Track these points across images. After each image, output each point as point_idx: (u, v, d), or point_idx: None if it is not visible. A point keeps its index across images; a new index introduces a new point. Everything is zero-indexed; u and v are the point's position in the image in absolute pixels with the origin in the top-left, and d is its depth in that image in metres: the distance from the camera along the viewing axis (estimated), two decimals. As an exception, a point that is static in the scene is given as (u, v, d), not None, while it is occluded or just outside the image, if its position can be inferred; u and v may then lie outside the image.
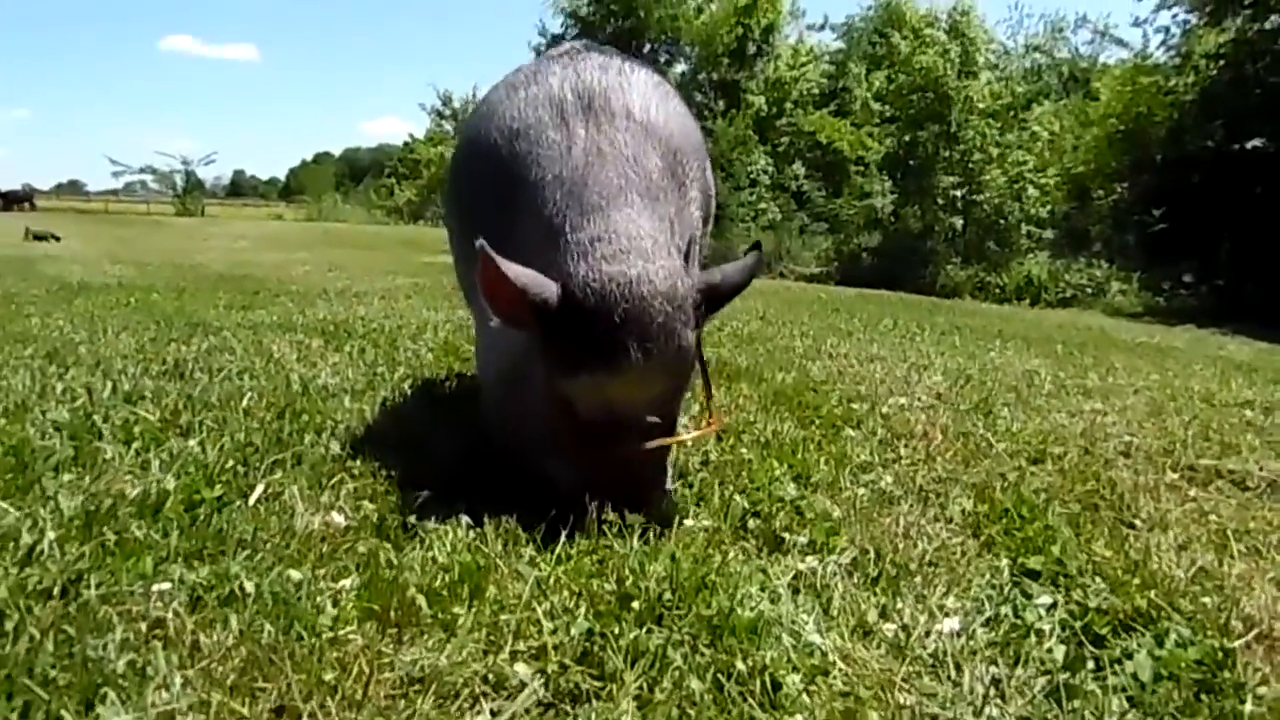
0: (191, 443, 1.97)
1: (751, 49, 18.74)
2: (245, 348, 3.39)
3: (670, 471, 1.71)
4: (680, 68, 19.44)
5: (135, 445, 1.93)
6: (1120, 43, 17.08)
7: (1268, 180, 11.63)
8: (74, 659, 1.03)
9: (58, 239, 13.28)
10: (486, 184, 1.97)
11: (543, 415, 1.66)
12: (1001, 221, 15.40)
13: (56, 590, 1.22)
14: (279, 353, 3.32)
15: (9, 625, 1.11)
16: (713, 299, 1.67)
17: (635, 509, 1.56)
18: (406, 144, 34.45)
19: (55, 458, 1.77)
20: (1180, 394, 3.32)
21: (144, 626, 1.13)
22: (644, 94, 1.98)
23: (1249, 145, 11.98)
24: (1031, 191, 15.27)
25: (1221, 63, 13.21)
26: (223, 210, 33.89)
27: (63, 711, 0.94)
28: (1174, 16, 14.31)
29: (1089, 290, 13.93)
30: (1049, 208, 15.63)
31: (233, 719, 0.96)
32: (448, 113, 29.53)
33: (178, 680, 1.01)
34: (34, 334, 3.58)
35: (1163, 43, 14.51)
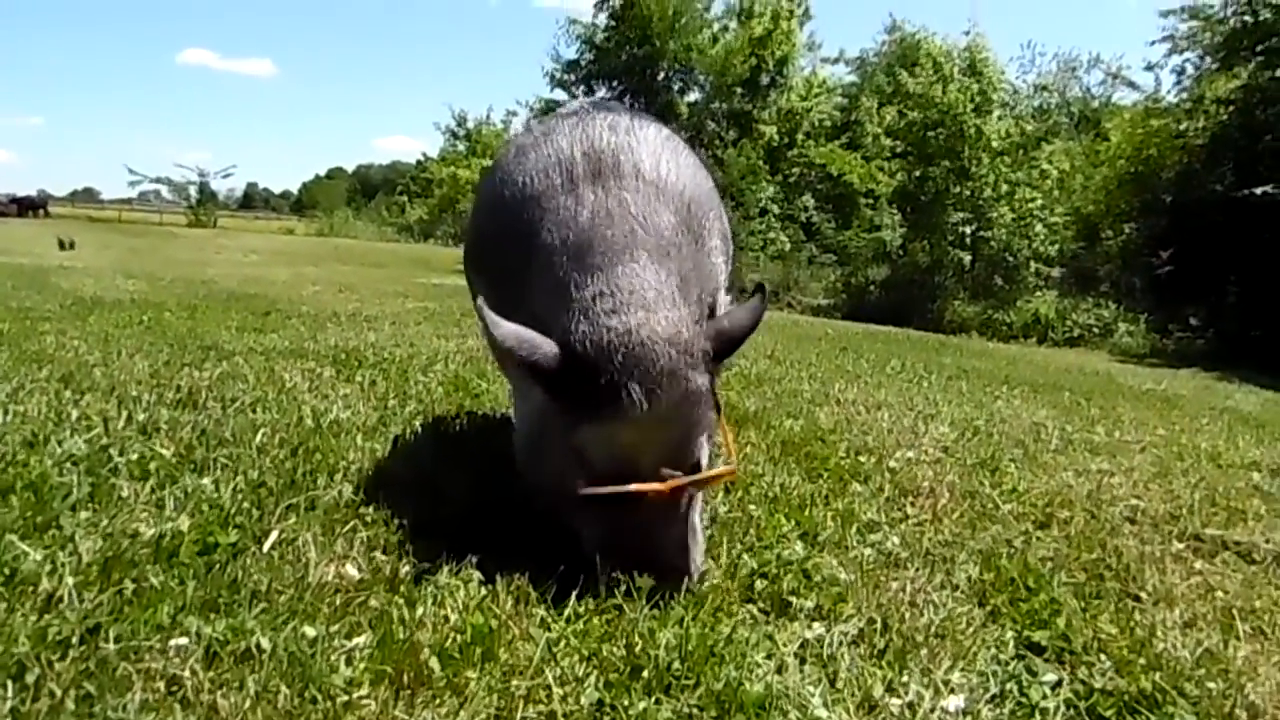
0: (206, 481, 1.99)
1: (765, 79, 18.91)
2: (257, 375, 3.42)
3: (702, 538, 1.70)
4: (693, 96, 19.59)
5: (151, 482, 1.96)
6: (1132, 85, 17.22)
7: (1276, 227, 11.66)
8: (94, 718, 1.05)
9: (73, 245, 13.50)
10: (500, 248, 2.01)
11: (559, 473, 1.66)
12: (1010, 258, 15.47)
13: (75, 640, 1.24)
14: (291, 381, 3.35)
15: (30, 679, 1.13)
16: (722, 344, 1.69)
17: (662, 569, 1.56)
18: (419, 162, 34.77)
19: (73, 496, 1.79)
20: (1187, 452, 3.33)
21: (162, 685, 1.15)
22: (654, 152, 2.00)
23: (1258, 191, 12.01)
24: (1039, 229, 15.35)
25: (1232, 108, 13.31)
26: (234, 222, 34.08)
27: (83, 776, 0.96)
28: (1185, 60, 14.44)
29: (1096, 330, 13.97)
30: (1057, 246, 15.71)
31: (249, 788, 0.98)
32: (461, 133, 29.79)
33: (196, 745, 1.02)
34: (49, 354, 3.62)
35: (1176, 83, 14.62)
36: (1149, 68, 17.75)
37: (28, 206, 29.27)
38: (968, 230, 15.74)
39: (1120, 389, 6.13)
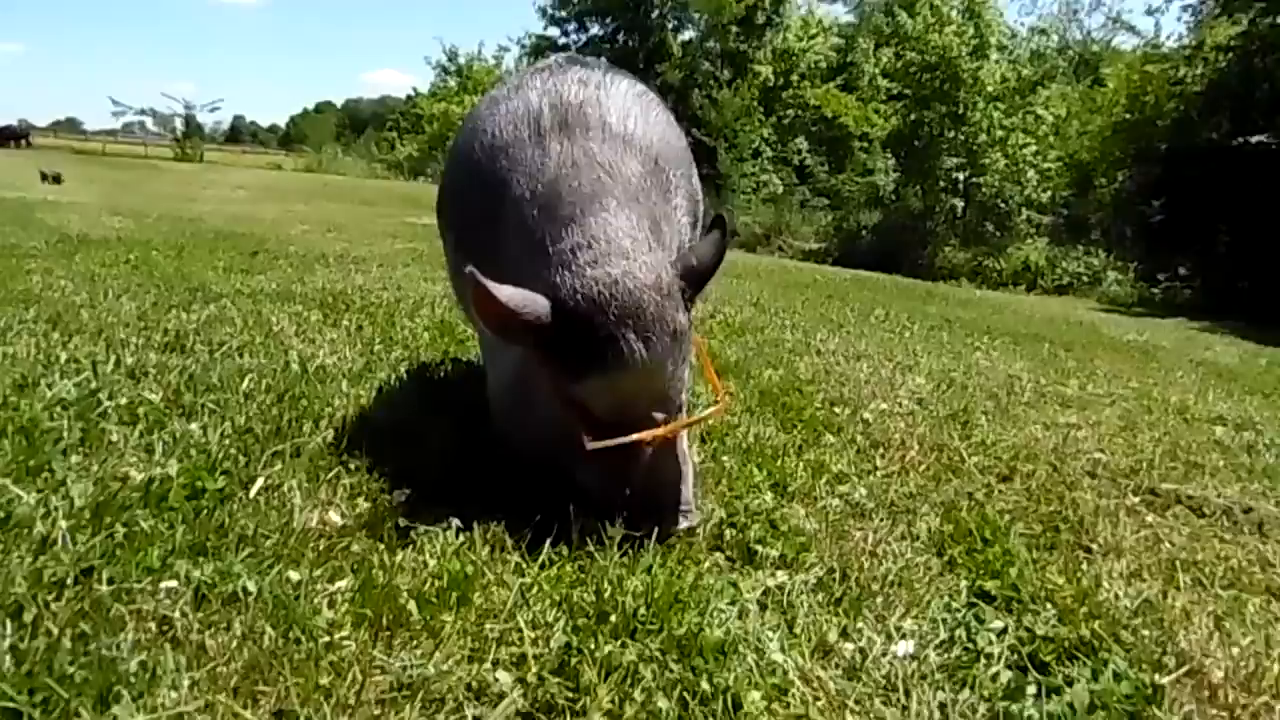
0: (193, 426, 2.05)
1: (761, 18, 18.60)
2: (245, 319, 3.45)
3: (693, 483, 1.76)
4: (687, 35, 19.26)
5: (139, 427, 2.01)
6: (1132, 30, 17.04)
7: (1269, 177, 11.66)
8: (89, 657, 1.11)
9: (60, 180, 13.30)
10: (472, 200, 2.03)
11: (556, 423, 1.71)
12: (1002, 205, 15.46)
13: (70, 581, 1.30)
14: (278, 325, 3.38)
15: (27, 618, 1.19)
16: (694, 280, 1.73)
17: (666, 509, 1.65)
18: (409, 98, 34.13)
19: (64, 440, 1.84)
20: (1156, 406, 3.41)
21: (153, 625, 1.21)
22: (622, 106, 2.02)
23: (1253, 140, 11.97)
24: (1031, 175, 15.30)
25: (1231, 55, 13.18)
26: (221, 156, 33.56)
27: (80, 709, 1.03)
28: (1186, 7, 14.25)
29: (1085, 279, 14.06)
30: (1049, 193, 15.68)
31: (236, 722, 1.05)
32: (453, 69, 29.24)
33: (186, 682, 1.09)
34: (36, 294, 3.63)
35: (1182, 23, 14.43)
36: (1150, 12, 17.51)
37: (9, 136, 28.74)
38: (961, 176, 15.68)
39: (1101, 339, 6.21)
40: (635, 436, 1.60)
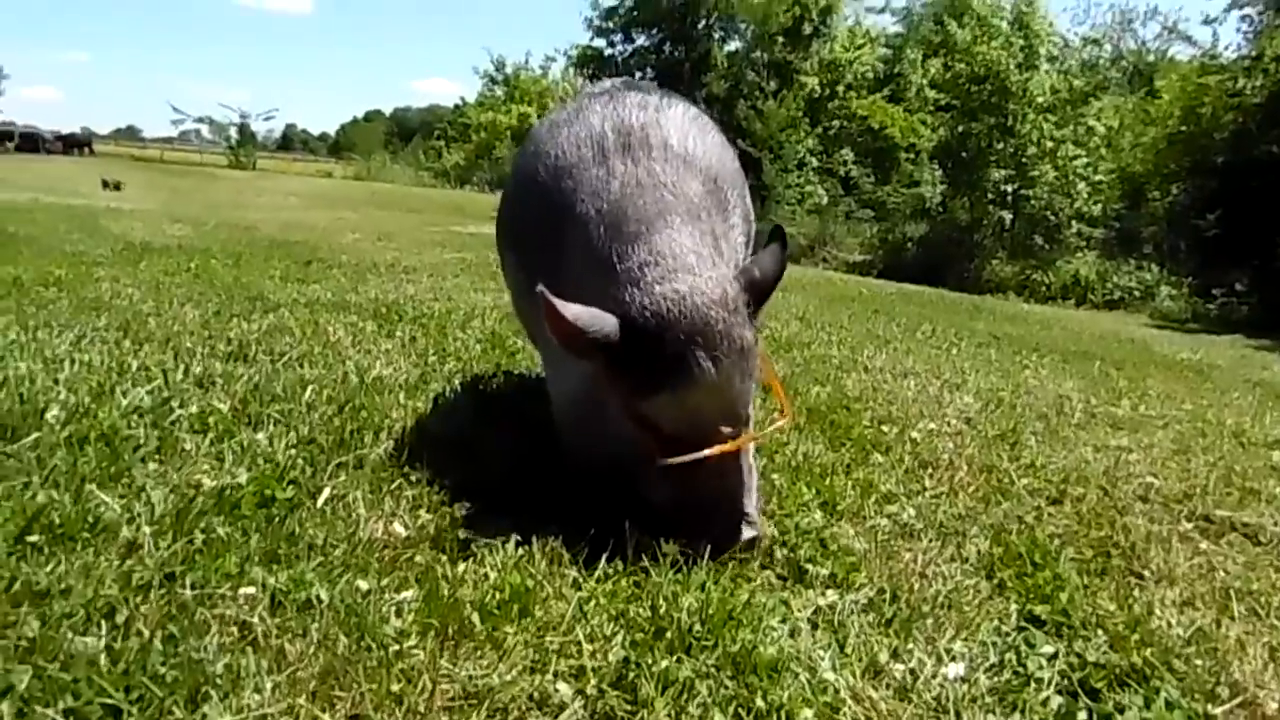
0: (260, 436, 2.13)
1: (808, 29, 18.56)
2: (303, 328, 3.56)
3: (756, 496, 1.80)
4: (733, 45, 19.30)
5: (210, 435, 2.10)
6: (1189, 40, 16.64)
7: (1331, 191, 11.35)
8: (179, 658, 1.18)
9: (120, 187, 13.74)
10: (535, 220, 2.08)
11: (624, 439, 1.75)
12: (1051, 217, 15.22)
13: (156, 584, 1.38)
14: (335, 335, 3.48)
15: (120, 619, 1.26)
16: (757, 293, 1.77)
17: (732, 522, 1.69)
18: (457, 107, 34.65)
19: (142, 448, 1.94)
20: (1210, 429, 3.36)
21: (235, 629, 1.28)
22: (681, 128, 2.08)
23: (1314, 153, 11.65)
24: (1082, 188, 15.05)
25: (1292, 66, 12.86)
26: (273, 164, 34.37)
27: (173, 707, 1.09)
28: (1245, 17, 13.93)
29: (1137, 293, 13.78)
30: (1100, 206, 15.41)
31: (315, 725, 1.11)
32: (500, 78, 29.62)
33: (268, 685, 1.16)
34: (106, 302, 3.78)
35: (1240, 33, 14.10)
36: (1207, 22, 17.15)
37: (73, 144, 29.74)
38: (1009, 188, 15.48)
39: (1153, 358, 6.11)
40: (705, 453, 1.64)
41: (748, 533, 1.71)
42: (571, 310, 1.64)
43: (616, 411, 1.74)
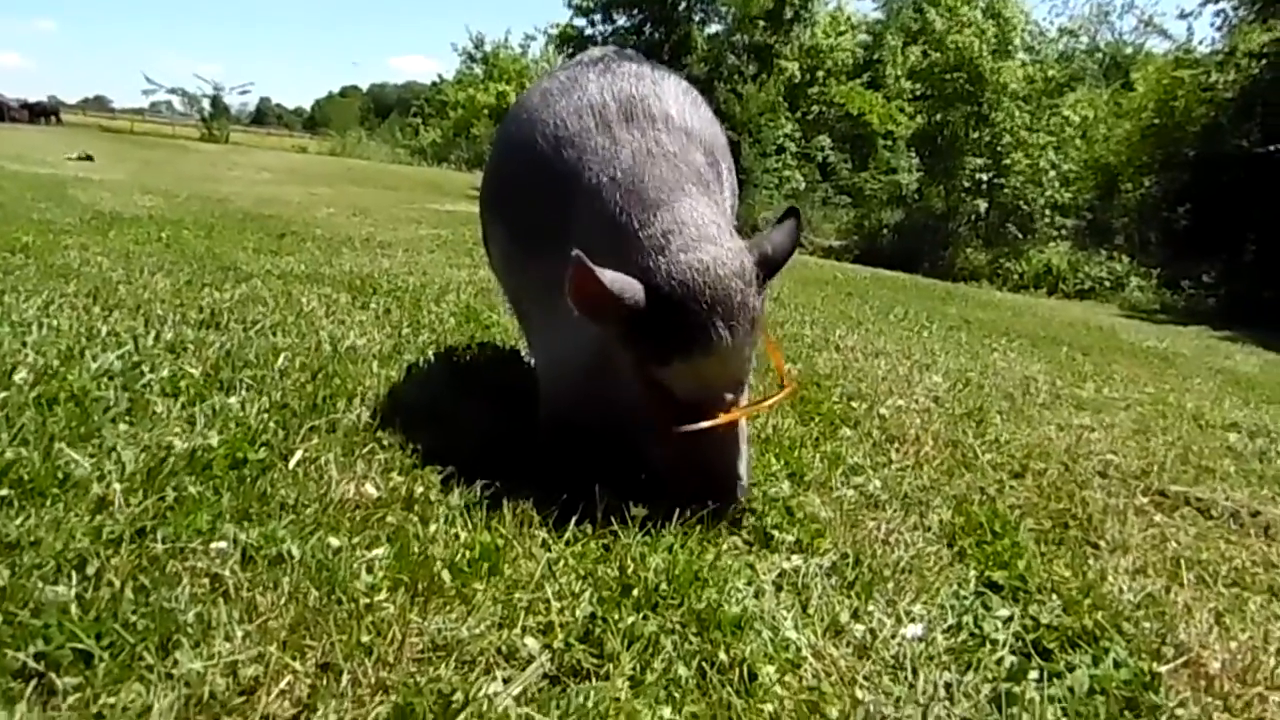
0: (232, 400, 2.13)
1: (789, 14, 18.50)
2: (276, 298, 3.54)
3: (748, 464, 1.85)
4: (714, 28, 19.22)
5: (181, 399, 2.09)
6: (1164, 33, 16.80)
7: (1299, 186, 11.56)
8: (150, 607, 1.19)
9: (91, 158, 13.49)
10: (534, 189, 2.06)
11: (633, 404, 1.78)
12: (1024, 207, 15.36)
13: (127, 539, 1.38)
14: (308, 306, 3.47)
15: (90, 570, 1.27)
16: (768, 268, 1.81)
17: (730, 487, 1.74)
18: (434, 84, 34.30)
19: (112, 409, 1.93)
20: (1170, 411, 3.44)
21: (206, 581, 1.29)
22: (678, 100, 2.09)
23: (1283, 148, 11.84)
24: (1053, 176, 15.19)
25: (1264, 62, 13.04)
26: (246, 138, 33.80)
27: (144, 653, 1.11)
28: (1219, 12, 14.10)
29: (1108, 283, 13.96)
30: (1072, 196, 15.57)
31: (286, 672, 1.12)
32: (479, 56, 29.33)
33: (239, 634, 1.17)
34: (74, 269, 3.74)
35: (1215, 27, 14.28)
36: (1183, 16, 17.32)
37: (39, 113, 29.08)
38: (984, 177, 15.59)
39: (1120, 345, 6.22)
40: (720, 420, 1.69)
41: (740, 496, 1.76)
42: (607, 275, 1.65)
43: (628, 377, 1.76)
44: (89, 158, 13.61)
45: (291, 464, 1.79)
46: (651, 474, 1.79)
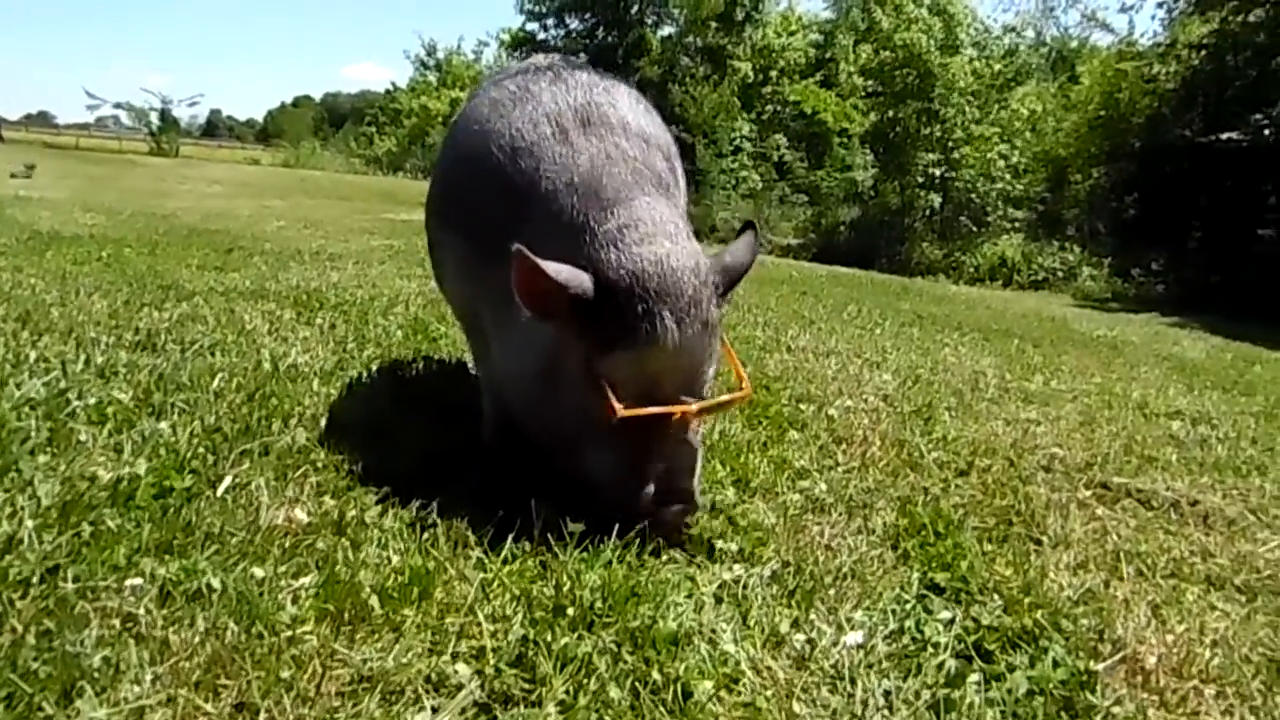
0: (163, 425, 2.06)
1: (740, 15, 18.62)
2: (218, 317, 3.46)
3: (700, 473, 1.81)
4: (666, 30, 19.26)
5: (109, 426, 2.02)
6: (1107, 27, 17.16)
7: (1240, 173, 11.85)
8: (54, 653, 1.14)
9: (33, 167, 13.14)
10: (489, 202, 2.02)
11: (581, 405, 1.74)
12: (976, 201, 15.57)
13: (35, 580, 1.32)
14: (251, 324, 3.39)
15: (-8, 616, 1.21)
16: (727, 278, 1.80)
17: (678, 490, 1.70)
18: (388, 92, 33.97)
19: (31, 440, 1.86)
20: (1116, 401, 3.49)
21: (118, 622, 1.24)
22: (632, 107, 2.10)
23: (1224, 137, 12.13)
24: (1002, 167, 15.41)
25: (1204, 53, 13.36)
26: (197, 151, 33.19)
27: (43, 704, 1.05)
28: (1160, 4, 14.42)
29: (1060, 274, 14.20)
30: (1022, 189, 15.81)
31: (198, 715, 1.08)
32: (431, 63, 29.13)
33: (148, 677, 1.12)
34: (5, 292, 3.62)
35: (1156, 23, 14.61)
36: (1124, 9, 17.67)
37: (-20, 130, 28.33)
38: (937, 172, 15.78)
39: (1071, 335, 6.31)
40: (659, 409, 1.65)
41: (684, 508, 1.73)
42: (551, 266, 1.64)
43: (574, 374, 1.73)
44: (31, 168, 13.22)
45: (220, 491, 1.73)
46: (593, 487, 1.74)
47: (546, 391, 1.86)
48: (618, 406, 1.64)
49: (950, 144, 15.36)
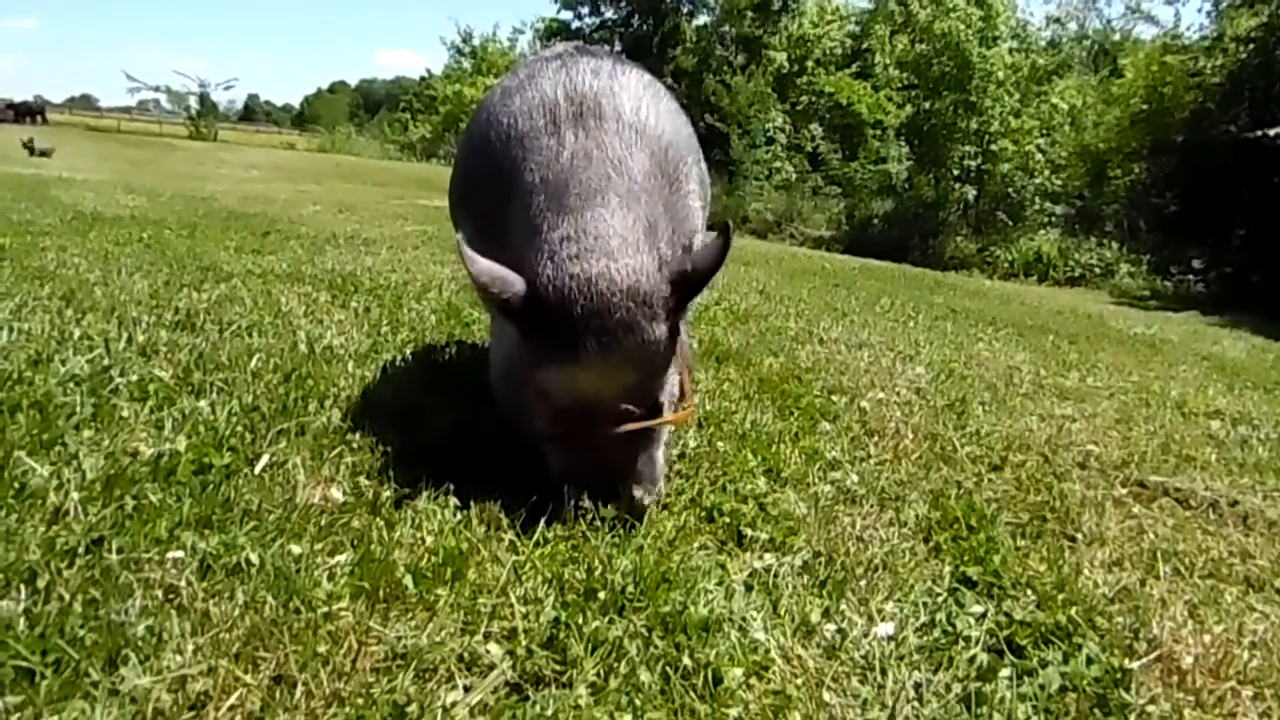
0: (202, 404, 2.10)
1: (777, 4, 18.46)
2: (255, 298, 3.51)
3: (660, 470, 1.80)
4: (702, 19, 19.15)
5: (150, 403, 2.06)
6: (1152, 20, 16.76)
7: (1287, 170, 11.57)
8: (99, 621, 1.17)
9: (48, 154, 13.30)
10: (484, 186, 2.07)
11: (529, 400, 1.78)
12: (1013, 195, 15.35)
13: (81, 550, 1.36)
14: (287, 306, 3.44)
15: (41, 584, 1.25)
16: (686, 287, 1.75)
17: (612, 497, 1.68)
18: (423, 79, 34.12)
19: (76, 415, 1.90)
20: (1154, 399, 3.43)
21: (160, 593, 1.27)
22: (635, 96, 2.06)
23: (1271, 133, 11.84)
24: (1043, 164, 15.18)
25: (1251, 47, 13.04)
26: (235, 135, 33.64)
27: (90, 669, 1.08)
28: (1208, -4, 14.09)
29: (1097, 270, 13.96)
30: (1061, 183, 15.56)
31: (237, 685, 1.10)
32: (467, 50, 29.20)
33: (190, 647, 1.15)
34: (51, 271, 3.69)
35: (1202, 16, 14.30)
36: (1170, 2, 17.29)
37: (24, 113, 28.85)
38: (973, 165, 15.57)
39: (1108, 332, 6.21)
40: (584, 434, 1.68)
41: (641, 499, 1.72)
42: (479, 266, 1.67)
43: (524, 371, 1.76)
44: (46, 153, 13.36)
45: (258, 469, 1.76)
46: (546, 478, 1.76)
47: (510, 380, 1.90)
48: (550, 425, 1.71)
49: (987, 137, 15.14)
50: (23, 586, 1.22)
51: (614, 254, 1.70)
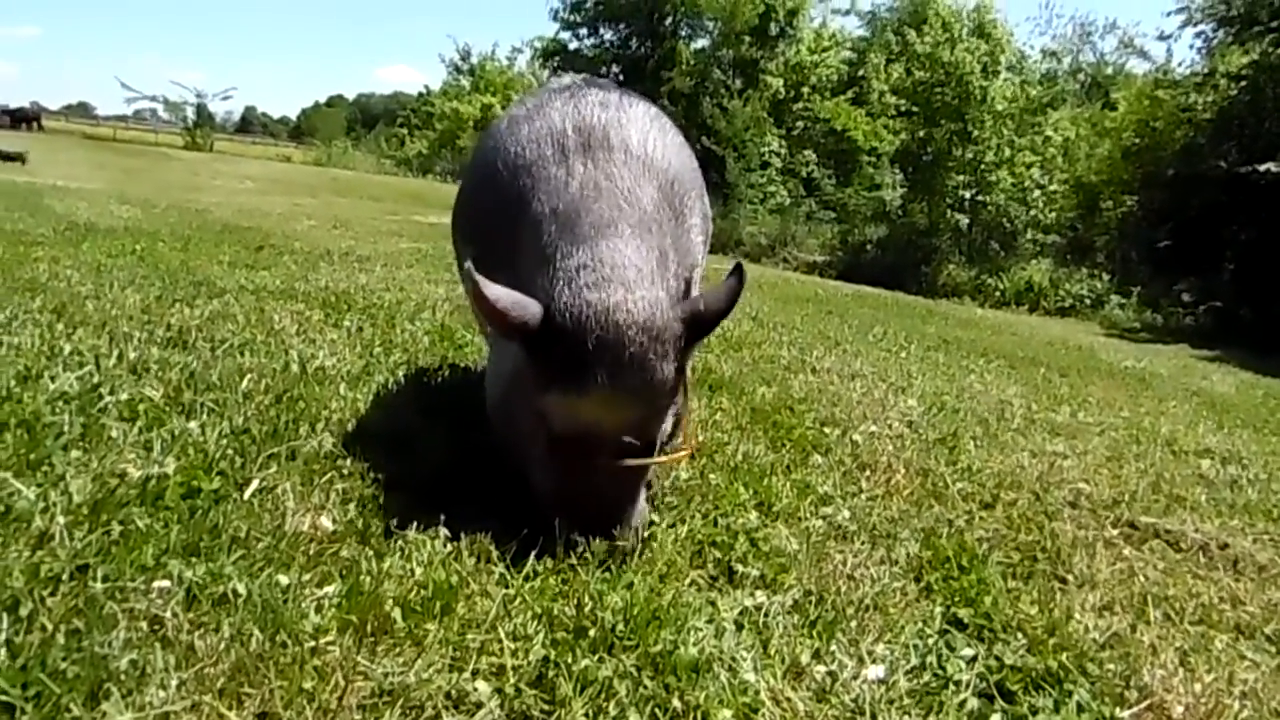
0: (192, 425, 2.08)
1: (774, 29, 18.64)
2: (247, 315, 3.49)
3: (645, 505, 1.79)
4: (700, 43, 19.31)
5: (139, 424, 2.04)
6: (1144, 55, 17.00)
7: (1276, 206, 11.69)
8: (82, 653, 1.15)
9: (24, 160, 13.20)
10: (492, 215, 2.07)
11: (527, 425, 1.77)
12: (1007, 224, 15.49)
13: (66, 577, 1.34)
14: (279, 324, 3.42)
15: (23, 612, 1.23)
16: (696, 326, 1.76)
17: (602, 528, 1.67)
18: (421, 95, 34.28)
19: (64, 435, 1.88)
20: (1144, 437, 3.44)
21: (145, 624, 1.25)
22: (642, 128, 2.08)
23: (1261, 169, 11.98)
24: (1037, 195, 15.34)
25: (1242, 83, 13.23)
26: (231, 146, 33.63)
27: (71, 704, 1.07)
28: (1199, 34, 14.29)
29: (1088, 301, 14.06)
30: (1055, 214, 15.71)
31: (221, 723, 1.09)
32: (465, 67, 29.36)
33: (174, 682, 1.13)
34: (42, 283, 3.67)
35: (1196, 49, 14.50)
36: (1162, 38, 17.50)
37: (20, 119, 28.82)
38: (967, 194, 15.71)
39: (1099, 366, 6.24)
40: (581, 468, 1.66)
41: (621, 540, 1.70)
42: (493, 292, 1.66)
43: (525, 394, 1.75)
44: (22, 159, 13.24)
45: (247, 494, 1.75)
46: (535, 498, 1.77)
47: (507, 401, 1.89)
48: (547, 451, 1.70)
49: (982, 167, 15.29)
50: (5, 615, 1.21)
51: (630, 285, 1.70)
